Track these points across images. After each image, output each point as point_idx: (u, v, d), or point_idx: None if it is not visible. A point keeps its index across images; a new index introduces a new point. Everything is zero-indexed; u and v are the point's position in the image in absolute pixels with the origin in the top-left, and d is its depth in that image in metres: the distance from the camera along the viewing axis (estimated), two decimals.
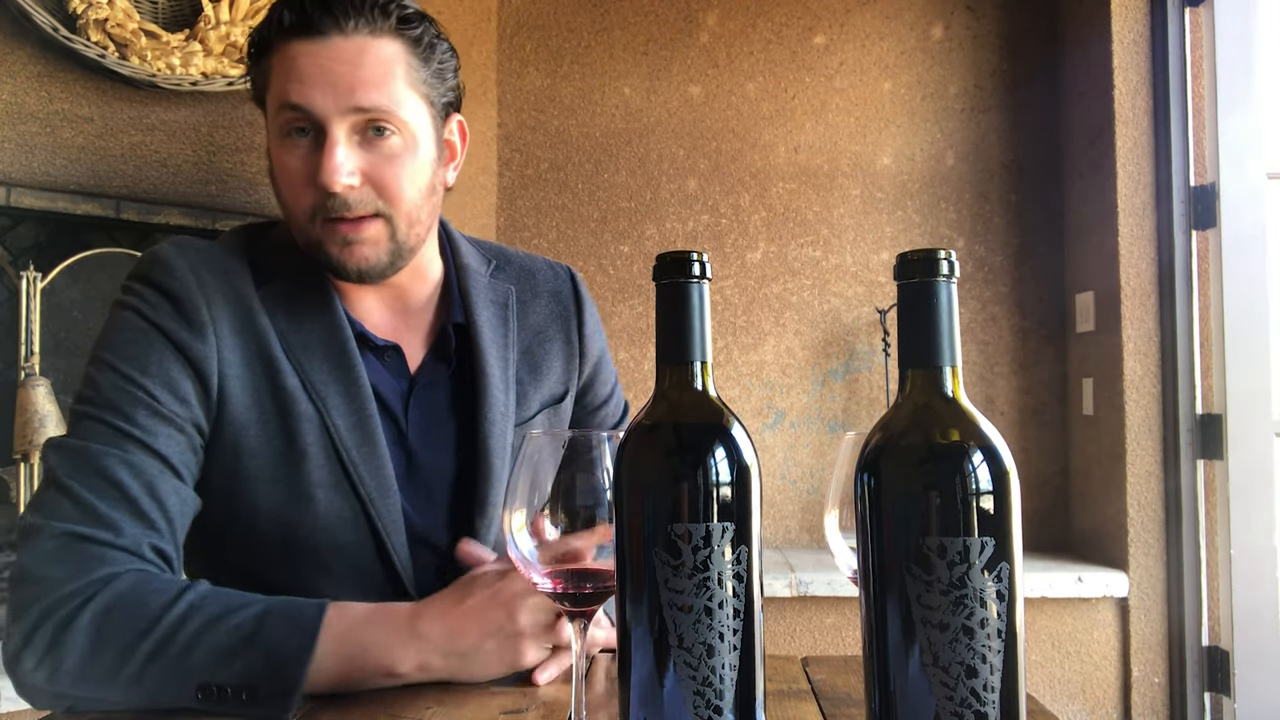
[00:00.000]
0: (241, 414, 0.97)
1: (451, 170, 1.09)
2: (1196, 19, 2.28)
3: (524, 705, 0.82)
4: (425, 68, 0.99)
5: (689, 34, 2.67)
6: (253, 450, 0.97)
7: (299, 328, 1.00)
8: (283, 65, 0.95)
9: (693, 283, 0.60)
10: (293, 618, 0.83)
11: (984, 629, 0.53)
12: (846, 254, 2.63)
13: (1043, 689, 2.28)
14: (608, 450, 0.69)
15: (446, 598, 0.88)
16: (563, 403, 1.16)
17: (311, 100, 0.93)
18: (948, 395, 0.56)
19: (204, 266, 0.99)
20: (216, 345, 0.96)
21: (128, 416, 0.90)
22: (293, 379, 0.98)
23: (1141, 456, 2.25)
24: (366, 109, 0.94)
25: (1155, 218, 2.28)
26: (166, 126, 2.02)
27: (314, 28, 0.93)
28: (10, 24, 1.84)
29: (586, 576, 0.69)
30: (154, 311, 0.95)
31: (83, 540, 0.85)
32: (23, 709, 1.60)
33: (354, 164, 0.95)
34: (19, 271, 1.80)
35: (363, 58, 0.94)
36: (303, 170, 0.96)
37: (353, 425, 0.99)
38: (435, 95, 1.01)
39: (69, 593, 0.83)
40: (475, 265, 1.14)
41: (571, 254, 2.64)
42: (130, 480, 0.88)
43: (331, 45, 0.93)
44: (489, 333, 1.10)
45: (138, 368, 0.93)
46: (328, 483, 0.98)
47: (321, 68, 0.93)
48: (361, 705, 0.82)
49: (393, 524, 0.99)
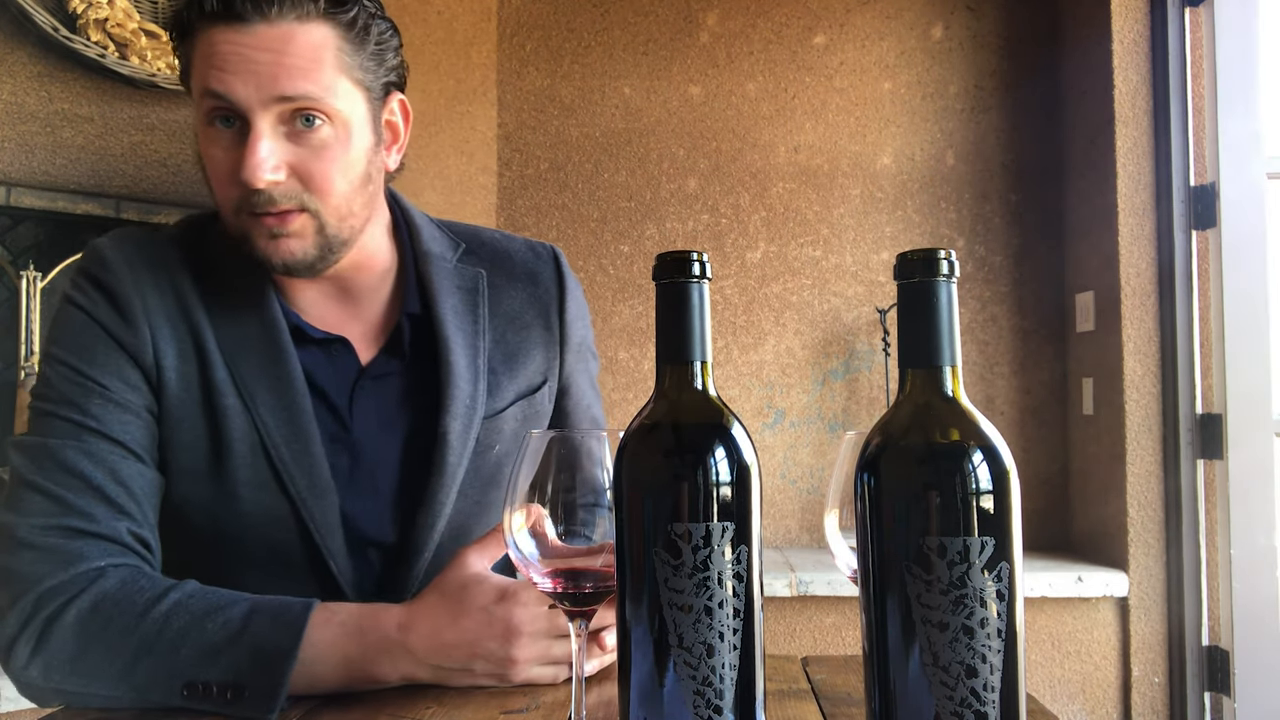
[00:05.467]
0: (175, 408, 0.95)
1: (395, 154, 1.03)
2: (1196, 19, 2.28)
3: (524, 705, 0.82)
4: (360, 51, 0.94)
5: (689, 34, 2.67)
6: (183, 443, 0.95)
7: (233, 321, 0.98)
8: (204, 51, 0.90)
9: (693, 282, 0.60)
10: (279, 617, 0.82)
11: (984, 629, 0.53)
12: (846, 254, 2.63)
13: (1043, 689, 2.28)
14: (608, 450, 0.69)
15: (439, 610, 0.84)
16: (539, 392, 1.11)
17: (233, 90, 0.88)
18: (948, 395, 0.56)
19: (139, 259, 0.97)
20: (151, 338, 0.95)
21: (81, 408, 0.91)
22: (222, 372, 0.96)
23: (1141, 456, 2.25)
24: (292, 98, 0.89)
25: (1155, 218, 2.28)
26: (166, 126, 2.02)
27: (237, 13, 0.88)
28: (10, 24, 1.84)
29: (586, 576, 0.69)
30: (92, 306, 0.95)
31: (60, 532, 0.86)
32: (22, 709, 1.60)
33: (278, 158, 0.90)
34: (19, 271, 1.80)
35: (288, 45, 0.89)
36: (227, 162, 0.91)
37: (282, 421, 0.96)
38: (371, 79, 0.96)
39: (53, 588, 0.84)
40: (439, 250, 1.08)
41: (571, 254, 2.64)
42: (93, 469, 0.88)
43: (254, 32, 0.88)
44: (453, 320, 1.05)
45: (85, 360, 0.93)
46: (255, 481, 0.95)
47: (244, 56, 0.88)
48: (362, 705, 0.82)
49: (327, 524, 0.96)
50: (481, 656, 0.83)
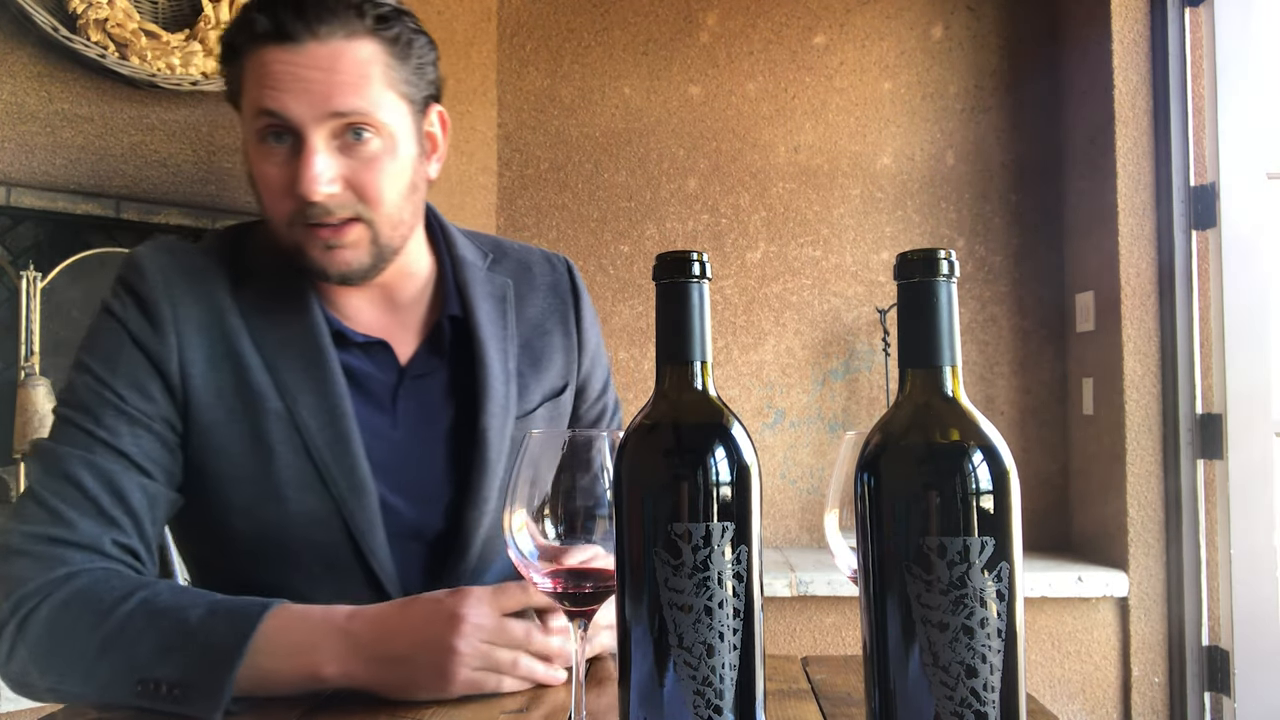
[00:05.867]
0: (206, 413, 0.97)
1: (434, 163, 1.07)
2: (1196, 19, 2.28)
3: (524, 705, 0.82)
4: (404, 65, 0.98)
5: (689, 34, 2.67)
6: (220, 448, 0.97)
7: (274, 326, 1.00)
8: (256, 71, 0.93)
9: (693, 282, 0.60)
10: (234, 615, 0.82)
11: (984, 629, 0.53)
12: (846, 254, 2.63)
13: (1043, 689, 2.28)
14: (608, 450, 0.69)
15: (391, 604, 0.86)
16: (563, 395, 1.15)
17: (287, 107, 0.92)
18: (948, 395, 0.56)
19: (174, 267, 1.00)
20: (177, 345, 0.97)
21: (96, 418, 0.94)
22: (262, 376, 0.98)
23: (1141, 456, 2.25)
24: (344, 113, 0.93)
25: (1155, 217, 2.28)
26: (166, 126, 2.02)
27: (288, 34, 0.91)
28: (10, 24, 1.84)
29: (586, 576, 0.69)
30: (124, 311, 0.98)
31: (44, 541, 0.89)
32: (22, 709, 1.60)
33: (334, 171, 0.94)
34: (19, 271, 1.80)
35: (338, 62, 0.93)
36: (281, 177, 0.95)
37: (324, 424, 0.98)
38: (414, 91, 1.00)
39: (31, 590, 0.87)
40: (472, 258, 1.13)
41: (571, 254, 2.64)
42: (90, 481, 0.91)
43: (306, 51, 0.92)
44: (488, 325, 1.09)
45: (108, 369, 0.96)
46: (297, 481, 0.97)
47: (296, 75, 0.92)
48: (362, 705, 0.82)
49: (368, 523, 0.98)
50: (422, 644, 0.81)
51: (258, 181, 0.98)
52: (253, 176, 0.99)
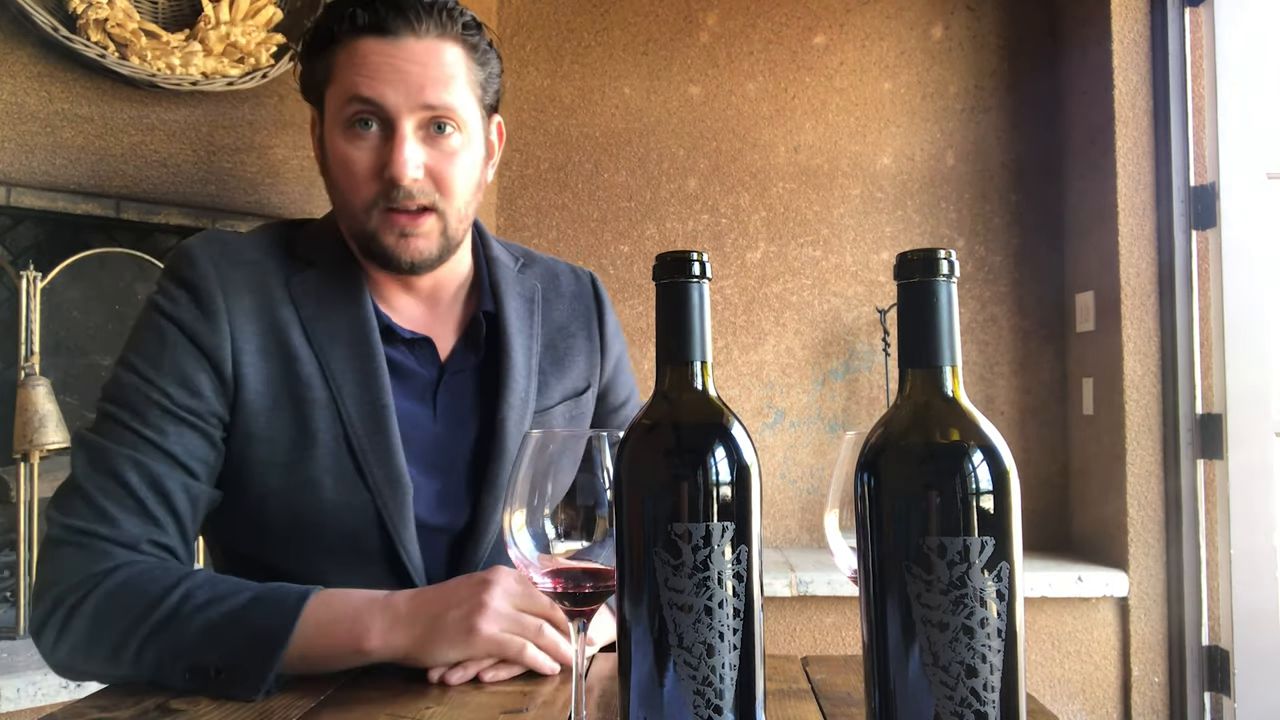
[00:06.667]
0: (254, 400, 1.00)
1: (491, 168, 1.13)
2: (1196, 19, 2.28)
3: (524, 705, 0.82)
4: (481, 71, 1.05)
5: (689, 34, 2.67)
6: (263, 436, 1.00)
7: (325, 317, 1.04)
8: (351, 60, 0.99)
9: (693, 282, 0.60)
10: (278, 601, 0.88)
11: (984, 629, 0.53)
12: (846, 254, 2.63)
13: (1043, 689, 2.28)
14: (608, 450, 0.69)
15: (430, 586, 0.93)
16: (584, 395, 1.19)
17: (383, 95, 0.98)
18: (948, 395, 0.56)
19: (225, 258, 1.03)
20: (230, 333, 1.00)
21: (142, 417, 0.96)
22: (310, 366, 1.02)
23: (1141, 456, 2.26)
24: (434, 106, 0.99)
25: (1155, 218, 2.28)
26: (166, 126, 2.02)
27: (388, 28, 0.98)
28: (10, 24, 1.84)
29: (586, 576, 0.69)
30: (173, 305, 1.00)
31: (90, 536, 0.93)
32: (22, 709, 1.60)
33: (421, 158, 1.00)
34: (19, 271, 1.80)
35: (432, 59, 1.00)
36: (367, 161, 1.00)
37: (366, 414, 1.01)
38: (486, 97, 1.07)
39: (77, 582, 0.90)
40: (504, 259, 1.19)
41: (571, 254, 2.64)
42: (138, 481, 0.94)
43: (404, 45, 0.99)
44: (516, 321, 1.13)
45: (154, 366, 0.98)
46: (336, 470, 1.00)
47: (394, 66, 0.98)
48: (362, 705, 0.82)
49: (400, 514, 1.01)
50: (455, 603, 0.88)
51: (338, 166, 1.02)
52: (328, 164, 1.04)
